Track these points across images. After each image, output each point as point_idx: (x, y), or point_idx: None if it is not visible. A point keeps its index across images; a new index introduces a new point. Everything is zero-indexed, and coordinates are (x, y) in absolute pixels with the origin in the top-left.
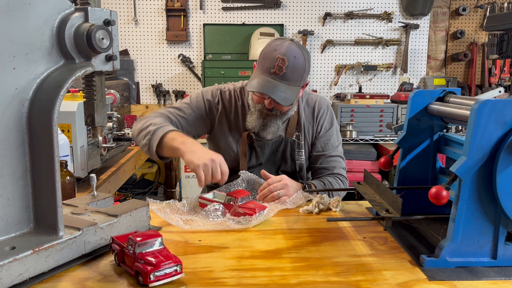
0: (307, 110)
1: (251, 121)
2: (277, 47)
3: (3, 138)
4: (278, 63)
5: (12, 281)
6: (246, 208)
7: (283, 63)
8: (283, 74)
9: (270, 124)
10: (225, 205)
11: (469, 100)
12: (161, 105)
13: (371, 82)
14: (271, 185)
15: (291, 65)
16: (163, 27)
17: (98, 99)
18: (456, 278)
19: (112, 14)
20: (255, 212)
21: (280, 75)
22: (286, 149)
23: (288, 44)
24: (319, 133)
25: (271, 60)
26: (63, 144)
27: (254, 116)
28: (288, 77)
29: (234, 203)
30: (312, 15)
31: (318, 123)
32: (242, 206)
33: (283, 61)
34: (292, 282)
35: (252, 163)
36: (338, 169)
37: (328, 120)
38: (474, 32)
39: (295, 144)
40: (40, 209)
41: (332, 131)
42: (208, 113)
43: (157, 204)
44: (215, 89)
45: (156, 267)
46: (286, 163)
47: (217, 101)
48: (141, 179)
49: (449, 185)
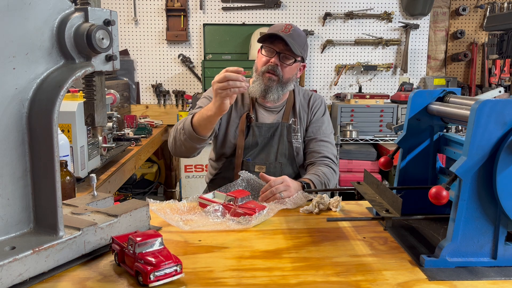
0: (303, 100)
1: (253, 87)
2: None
3: (3, 138)
4: (286, 26)
5: (12, 281)
6: (246, 208)
7: (290, 27)
8: (290, 33)
9: (271, 90)
10: (224, 205)
11: (469, 100)
12: (161, 105)
13: (371, 82)
14: (274, 187)
15: (296, 30)
16: (163, 27)
17: (98, 99)
18: (456, 278)
19: (112, 14)
20: (255, 212)
21: (287, 34)
22: (283, 133)
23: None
24: (312, 119)
25: (279, 25)
26: (63, 144)
27: (256, 83)
28: (294, 37)
29: (234, 203)
30: (312, 15)
31: (312, 111)
32: (242, 206)
33: (290, 26)
34: (292, 282)
35: (249, 142)
36: (329, 154)
37: (321, 110)
38: (474, 32)
39: (290, 128)
40: (40, 209)
41: (324, 119)
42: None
43: (156, 204)
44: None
45: (156, 267)
46: (283, 146)
47: None
48: (141, 179)
49: (449, 185)
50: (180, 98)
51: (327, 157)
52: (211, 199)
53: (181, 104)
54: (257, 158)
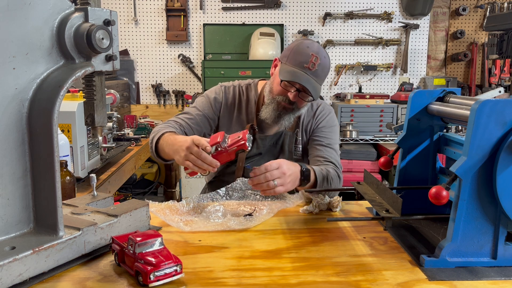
0: (309, 109)
1: (267, 111)
2: (309, 45)
3: (3, 138)
4: (312, 60)
5: (12, 281)
6: (236, 143)
7: (316, 61)
8: (315, 70)
9: (284, 117)
10: (218, 155)
11: (469, 100)
12: (161, 105)
13: (371, 82)
14: (268, 172)
15: (322, 64)
16: (163, 27)
17: (98, 99)
18: (456, 278)
19: (112, 14)
20: (245, 139)
21: (312, 71)
22: (285, 142)
23: (318, 44)
24: (317, 127)
25: (305, 55)
26: (63, 144)
27: (270, 107)
28: (318, 74)
29: (222, 147)
30: (312, 15)
31: (316, 121)
32: (231, 144)
33: (316, 58)
34: (292, 282)
35: (252, 152)
36: (333, 159)
37: (327, 120)
38: (474, 32)
39: (293, 138)
40: (40, 209)
41: (331, 130)
42: (213, 109)
43: (156, 205)
44: (218, 87)
45: (156, 267)
46: (284, 155)
47: (221, 96)
48: (141, 179)
49: (449, 185)
50: (180, 98)
51: (331, 162)
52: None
53: (181, 104)
54: (256, 165)
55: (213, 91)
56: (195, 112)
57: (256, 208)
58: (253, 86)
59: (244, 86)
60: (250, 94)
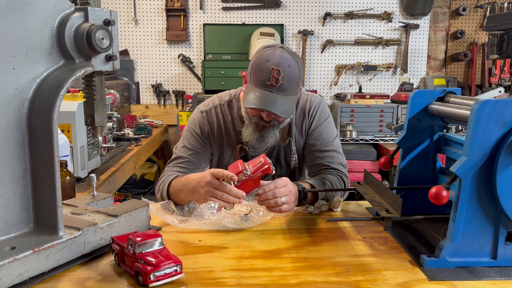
0: (298, 110)
1: (248, 134)
2: (269, 57)
3: (3, 138)
4: (273, 75)
5: (12, 281)
6: (259, 168)
7: (279, 74)
8: (280, 85)
9: (268, 135)
10: (242, 184)
11: (469, 100)
12: (161, 105)
13: (371, 82)
14: (276, 189)
15: (287, 75)
16: (163, 27)
17: (98, 99)
18: (456, 278)
19: (112, 14)
20: (267, 163)
21: (276, 86)
22: (279, 154)
23: (279, 52)
24: (310, 130)
25: (265, 71)
26: (63, 144)
27: (250, 129)
28: (285, 87)
29: (246, 175)
30: (312, 15)
31: (310, 120)
32: (254, 170)
33: (278, 72)
34: (292, 282)
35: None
36: (335, 164)
37: (319, 116)
38: (474, 32)
39: (287, 149)
40: (40, 209)
41: (323, 126)
42: (203, 143)
43: (152, 204)
44: (199, 115)
45: (156, 267)
46: (281, 168)
47: (205, 125)
48: (141, 179)
49: (449, 185)
50: (180, 98)
51: (334, 169)
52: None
53: (181, 104)
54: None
55: (196, 123)
56: (187, 153)
57: (252, 209)
58: (235, 102)
59: (226, 104)
60: (233, 112)
